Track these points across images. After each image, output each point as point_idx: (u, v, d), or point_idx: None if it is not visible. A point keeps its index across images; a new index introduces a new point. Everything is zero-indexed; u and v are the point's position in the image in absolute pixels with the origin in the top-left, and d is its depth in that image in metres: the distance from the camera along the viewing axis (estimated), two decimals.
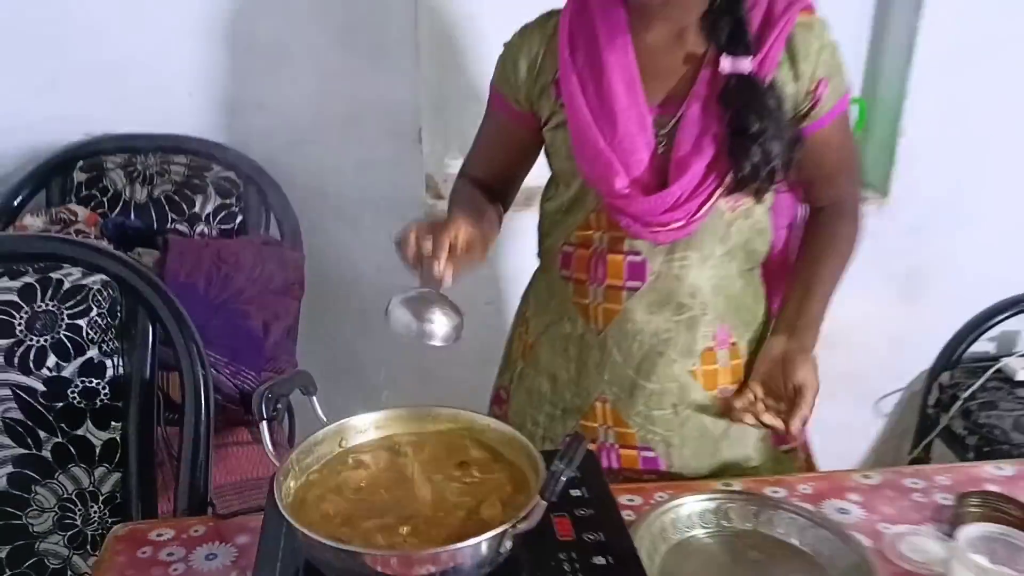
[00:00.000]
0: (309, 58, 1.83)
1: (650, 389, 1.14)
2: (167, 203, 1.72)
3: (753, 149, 1.02)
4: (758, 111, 1.02)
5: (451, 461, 0.93)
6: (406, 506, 0.86)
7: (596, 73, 1.07)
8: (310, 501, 0.87)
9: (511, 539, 0.79)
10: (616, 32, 1.06)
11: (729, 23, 1.04)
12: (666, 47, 1.07)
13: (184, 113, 1.84)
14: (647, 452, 1.16)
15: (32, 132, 1.80)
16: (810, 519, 1.00)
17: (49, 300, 1.15)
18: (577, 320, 1.15)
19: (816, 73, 1.06)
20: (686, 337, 1.13)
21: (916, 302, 2.14)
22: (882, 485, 1.12)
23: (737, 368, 1.16)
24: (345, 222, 1.93)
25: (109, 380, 1.17)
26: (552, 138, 1.13)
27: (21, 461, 1.16)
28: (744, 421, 1.10)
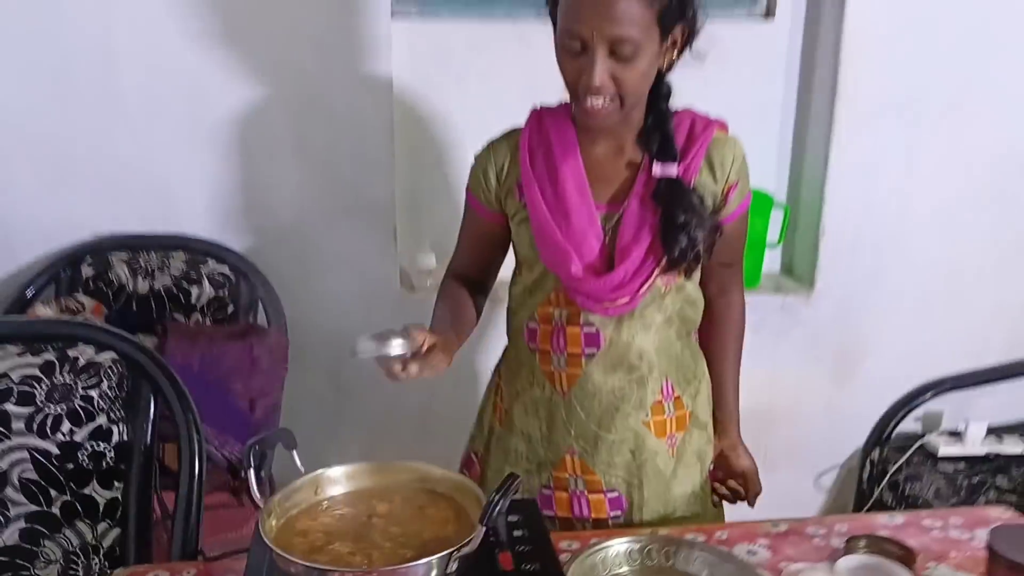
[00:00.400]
0: (296, 165, 2.06)
1: (611, 439, 1.31)
2: (166, 295, 1.92)
3: (681, 236, 1.21)
4: (684, 206, 1.22)
5: (410, 505, 1.10)
6: (370, 540, 1.03)
7: (552, 179, 1.26)
8: (288, 535, 1.03)
9: (456, 561, 0.96)
10: (568, 146, 1.27)
11: (659, 138, 1.25)
12: (609, 157, 1.28)
13: (183, 214, 2.05)
14: (612, 493, 1.32)
15: (45, 232, 2.00)
16: (720, 557, 1.16)
17: (66, 373, 1.33)
18: (545, 384, 1.32)
19: (729, 178, 1.28)
20: (638, 393, 1.30)
21: (846, 384, 2.35)
22: (788, 532, 1.27)
23: (682, 418, 1.34)
24: (326, 310, 2.12)
25: (115, 444, 1.33)
26: (517, 231, 1.32)
27: (32, 517, 1.30)
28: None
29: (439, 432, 1.66)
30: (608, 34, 1.11)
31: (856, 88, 2.13)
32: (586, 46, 1.13)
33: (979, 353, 2.35)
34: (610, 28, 1.10)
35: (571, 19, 1.13)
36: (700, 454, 1.38)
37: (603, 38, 1.11)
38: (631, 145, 1.28)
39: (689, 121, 1.28)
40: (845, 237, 2.24)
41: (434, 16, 2.11)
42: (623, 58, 1.12)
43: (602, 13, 1.10)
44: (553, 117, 1.30)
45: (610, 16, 1.10)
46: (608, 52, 1.12)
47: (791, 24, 2.22)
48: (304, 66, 2.00)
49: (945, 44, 2.14)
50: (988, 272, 2.32)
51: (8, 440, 1.29)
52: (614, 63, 1.13)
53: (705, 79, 1.55)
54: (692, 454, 1.36)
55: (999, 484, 2.18)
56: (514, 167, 1.30)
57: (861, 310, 2.30)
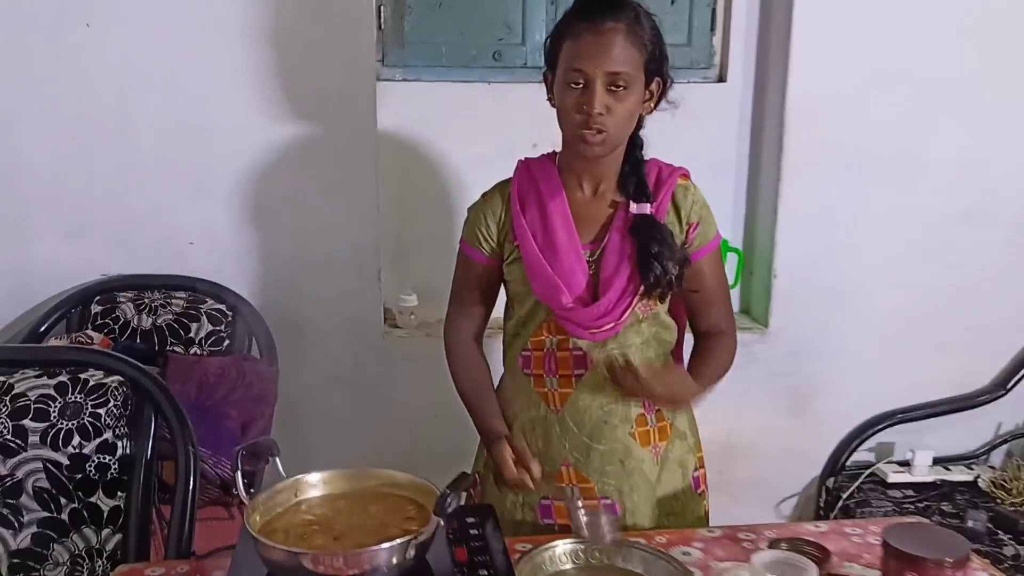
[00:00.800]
0: (289, 213, 2.26)
1: (601, 450, 1.46)
2: (167, 330, 2.10)
3: (655, 264, 1.38)
4: (657, 239, 1.40)
5: (377, 504, 1.25)
6: (341, 532, 1.18)
7: (543, 221, 1.44)
8: (270, 529, 1.18)
9: (414, 548, 1.11)
10: (554, 191, 1.45)
11: (634, 181, 1.44)
12: (591, 200, 1.46)
13: (185, 258, 2.24)
14: (605, 500, 1.47)
15: (60, 274, 2.18)
16: (656, 555, 1.30)
17: (77, 394, 1.49)
18: (540, 405, 1.48)
19: (690, 218, 1.45)
20: (623, 408, 1.46)
21: (802, 418, 2.50)
22: (721, 537, 1.40)
23: (664, 429, 1.50)
24: (315, 344, 2.30)
25: (119, 457, 1.49)
26: (510, 270, 1.49)
27: (43, 523, 1.46)
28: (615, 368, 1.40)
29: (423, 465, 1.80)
30: (607, 69, 1.32)
31: (801, 145, 2.34)
32: (588, 82, 1.33)
33: (927, 392, 2.52)
34: (609, 65, 1.31)
35: (576, 60, 1.33)
36: (682, 462, 1.53)
37: (603, 73, 1.32)
38: (610, 189, 1.46)
39: (656, 168, 1.48)
40: (796, 281, 2.42)
41: (416, 79, 2.33)
42: (617, 92, 1.33)
43: (603, 54, 1.32)
44: (539, 166, 1.49)
45: (610, 56, 1.32)
46: (606, 87, 1.32)
47: (742, 87, 2.44)
48: (297, 126, 2.21)
49: (883, 107, 2.36)
50: (929, 314, 2.50)
51: (25, 452, 1.46)
52: (610, 98, 1.33)
53: (668, 135, 1.75)
54: (674, 461, 1.51)
55: (943, 508, 2.33)
56: (507, 213, 1.48)
57: (813, 349, 2.46)
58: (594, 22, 1.33)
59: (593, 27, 1.33)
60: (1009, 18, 2.35)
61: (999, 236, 2.49)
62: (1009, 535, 2.19)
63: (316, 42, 2.17)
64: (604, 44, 1.32)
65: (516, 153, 1.53)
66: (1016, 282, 2.52)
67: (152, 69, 2.14)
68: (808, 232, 2.40)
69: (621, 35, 1.32)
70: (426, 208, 2.39)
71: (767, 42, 2.40)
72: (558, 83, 1.38)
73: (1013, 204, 2.48)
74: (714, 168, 2.46)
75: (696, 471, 1.56)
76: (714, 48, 2.45)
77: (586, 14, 1.35)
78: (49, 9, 2.09)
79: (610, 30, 1.32)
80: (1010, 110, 2.41)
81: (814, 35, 2.29)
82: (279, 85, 2.18)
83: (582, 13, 1.36)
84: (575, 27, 1.35)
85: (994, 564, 2.02)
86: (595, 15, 1.34)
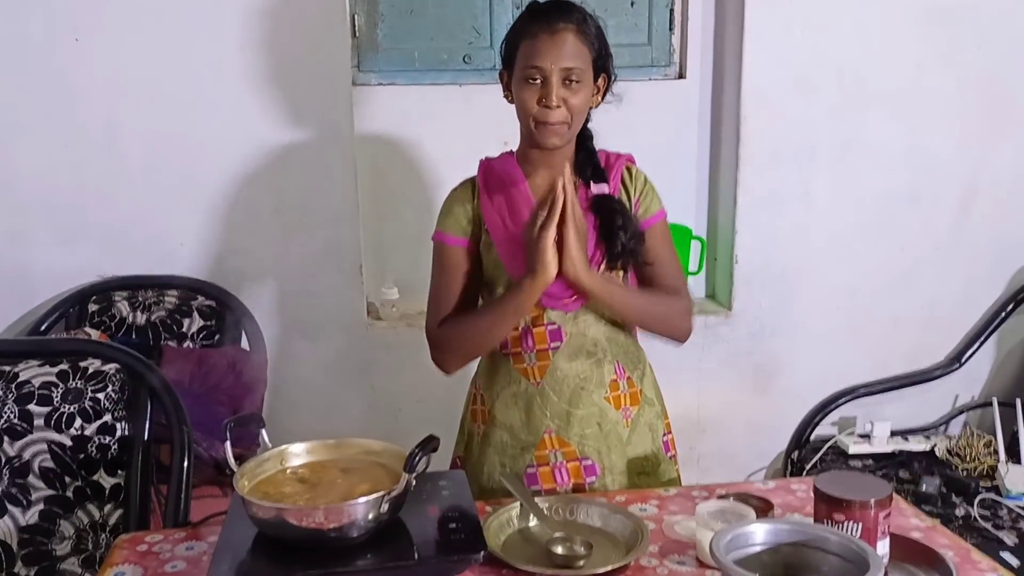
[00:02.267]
0: (274, 214, 2.38)
1: (580, 415, 1.57)
2: (161, 326, 2.22)
3: (620, 233, 1.51)
4: (618, 211, 1.52)
5: (356, 469, 1.36)
6: (322, 492, 1.30)
7: (509, 208, 1.55)
8: (257, 492, 1.29)
9: (388, 503, 1.22)
10: (516, 181, 1.56)
11: (589, 165, 1.57)
12: (550, 185, 1.54)
13: (177, 258, 2.36)
14: (586, 461, 1.58)
15: (57, 276, 2.30)
16: (611, 510, 1.41)
17: (78, 380, 1.62)
18: (520, 380, 1.59)
19: (636, 194, 1.58)
20: (597, 374, 1.57)
21: (766, 395, 2.63)
22: (677, 495, 1.51)
23: (635, 394, 1.61)
24: (302, 337, 2.43)
25: (118, 438, 1.61)
26: (485, 253, 1.59)
27: (50, 500, 1.58)
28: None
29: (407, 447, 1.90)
30: (562, 64, 1.45)
31: (756, 136, 2.47)
32: (545, 78, 1.46)
33: (884, 364, 2.66)
34: (564, 61, 1.45)
35: (534, 57, 1.46)
36: (651, 426, 1.64)
37: (559, 69, 1.45)
38: (567, 173, 1.57)
39: (604, 156, 1.61)
40: (756, 265, 2.55)
41: (391, 83, 2.46)
42: (572, 86, 1.46)
43: (558, 51, 1.45)
44: (499, 162, 1.61)
45: (564, 53, 1.45)
46: (562, 81, 1.46)
47: (700, 83, 2.58)
48: (278, 131, 2.34)
49: (830, 98, 2.50)
50: (884, 293, 2.63)
51: (31, 434, 1.58)
52: (566, 91, 1.46)
53: (632, 130, 1.88)
54: (644, 425, 1.63)
55: (901, 476, 2.46)
56: (477, 203, 1.59)
57: (775, 329, 2.60)
58: (548, 23, 1.47)
59: (547, 27, 1.46)
60: (945, 7, 2.49)
61: (946, 216, 2.63)
62: (961, 498, 2.31)
63: (294, 51, 2.30)
64: (558, 42, 1.45)
65: (487, 150, 1.64)
66: (966, 259, 2.66)
67: (138, 81, 2.27)
68: (766, 218, 2.53)
69: (572, 33, 1.46)
70: (404, 206, 2.52)
71: (722, 40, 2.54)
72: (516, 80, 1.50)
73: (958, 186, 2.62)
74: (677, 160, 2.60)
75: (665, 436, 1.68)
76: (673, 47, 2.59)
77: (539, 16, 1.49)
78: (39, 26, 2.21)
79: (563, 29, 1.46)
80: (950, 96, 2.55)
81: (765, 32, 2.43)
82: (260, 92, 2.31)
83: (535, 15, 1.49)
84: (530, 28, 1.48)
85: (945, 524, 2.16)
86: (548, 16, 1.48)
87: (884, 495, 1.21)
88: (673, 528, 1.40)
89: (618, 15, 2.52)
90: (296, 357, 2.41)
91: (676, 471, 1.71)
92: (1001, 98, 2.58)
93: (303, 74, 2.31)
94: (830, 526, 1.19)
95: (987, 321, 2.69)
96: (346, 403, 2.47)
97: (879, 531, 1.19)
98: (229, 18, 2.26)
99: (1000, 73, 2.56)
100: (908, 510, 1.47)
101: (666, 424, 1.70)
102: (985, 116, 2.58)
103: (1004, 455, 2.44)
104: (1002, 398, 2.62)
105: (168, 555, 1.32)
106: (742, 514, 1.31)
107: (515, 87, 1.51)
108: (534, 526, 1.39)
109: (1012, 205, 2.66)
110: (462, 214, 1.59)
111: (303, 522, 1.18)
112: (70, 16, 2.21)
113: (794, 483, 1.57)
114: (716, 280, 2.67)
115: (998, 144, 2.61)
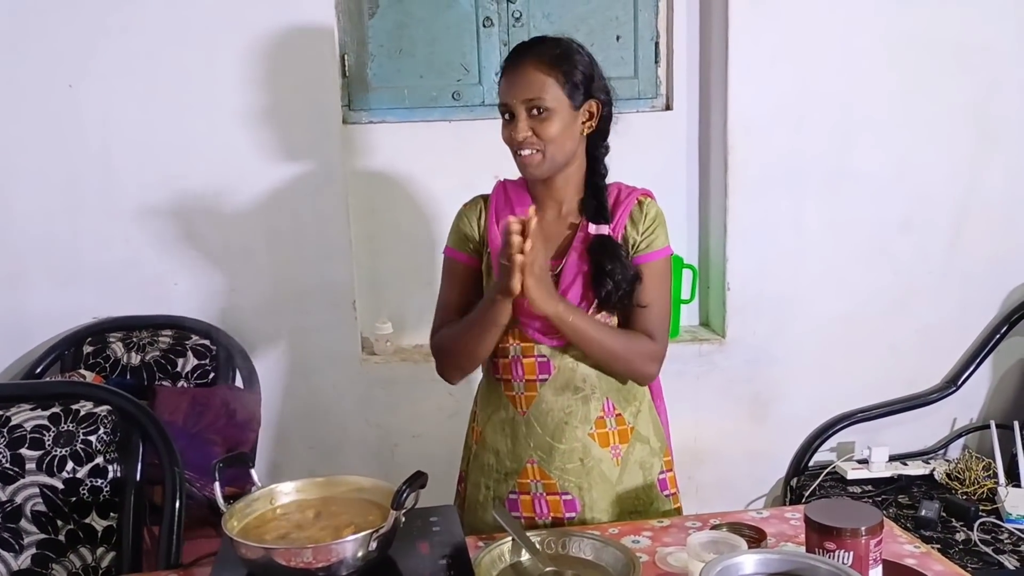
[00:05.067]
0: (268, 254, 2.40)
1: (563, 449, 1.57)
2: (155, 365, 2.23)
3: (607, 280, 1.51)
4: (610, 257, 1.52)
5: (346, 507, 1.37)
6: (311, 531, 1.30)
7: None
8: (247, 532, 1.30)
9: (376, 541, 1.22)
10: (524, 205, 1.57)
11: (594, 204, 1.57)
12: (555, 220, 1.59)
13: (171, 298, 2.38)
14: (566, 496, 1.58)
15: (53, 318, 2.32)
16: (605, 543, 1.41)
17: (70, 423, 1.62)
18: (509, 407, 1.60)
19: (645, 227, 1.57)
20: (583, 410, 1.57)
21: (763, 422, 2.63)
22: (670, 526, 1.51)
23: (624, 432, 1.60)
24: (297, 374, 2.43)
25: (110, 480, 1.61)
26: (485, 270, 1.61)
27: (42, 544, 1.58)
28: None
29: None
30: (523, 98, 1.48)
31: (744, 165, 2.49)
32: (513, 113, 1.49)
33: (881, 390, 2.65)
34: (523, 93, 1.47)
35: (501, 96, 1.51)
36: (643, 464, 1.63)
37: (520, 101, 1.48)
38: (573, 210, 1.59)
39: (617, 190, 1.61)
40: (749, 292, 2.56)
41: (381, 121, 2.49)
42: (539, 117, 1.48)
43: (518, 84, 1.48)
44: (514, 187, 1.63)
45: (523, 85, 1.48)
46: (527, 113, 1.48)
47: (687, 114, 2.61)
48: (271, 170, 2.37)
49: (816, 126, 2.52)
50: (878, 318, 2.64)
51: (23, 478, 1.58)
52: (533, 121, 1.48)
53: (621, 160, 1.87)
54: (635, 463, 1.62)
55: (900, 500, 2.44)
56: (486, 221, 1.62)
57: (769, 356, 2.60)
58: (514, 60, 1.51)
59: (512, 64, 1.51)
60: (926, 35, 2.52)
61: (939, 240, 2.64)
62: (961, 522, 2.30)
63: (285, 91, 2.33)
64: (518, 75, 1.48)
65: (477, 186, 1.66)
66: (959, 283, 2.67)
67: (132, 124, 2.30)
68: (757, 245, 2.54)
69: (533, 66, 1.48)
70: (397, 241, 2.54)
71: (708, 71, 2.57)
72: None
73: (949, 210, 2.63)
74: (666, 190, 2.57)
75: (663, 473, 1.66)
76: (659, 79, 2.62)
77: (511, 55, 1.54)
78: (33, 73, 2.25)
79: (524, 63, 1.49)
80: (939, 121, 2.57)
81: (750, 63, 2.46)
82: (252, 133, 2.34)
83: (508, 58, 1.54)
84: (503, 68, 1.53)
85: (945, 549, 2.15)
86: (517, 53, 1.52)
87: (875, 522, 1.21)
88: (666, 560, 1.40)
89: (605, 49, 2.56)
90: (290, 394, 2.42)
91: (678, 509, 1.69)
92: (989, 122, 2.60)
93: (295, 114, 2.34)
94: (822, 555, 1.18)
95: (982, 343, 2.69)
96: (342, 439, 2.47)
97: (870, 559, 1.19)
98: (220, 60, 2.30)
99: (987, 98, 2.59)
100: (902, 536, 1.46)
101: (666, 462, 1.68)
102: (974, 141, 2.61)
103: (1003, 478, 2.42)
104: (999, 420, 2.61)
105: None
106: (733, 544, 1.31)
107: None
108: (526, 560, 1.38)
109: (1004, 227, 2.67)
110: (468, 231, 1.62)
111: (292, 562, 1.19)
112: (63, 61, 2.25)
113: (788, 511, 1.57)
114: (709, 307, 2.67)
115: (988, 167, 2.63)
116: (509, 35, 2.52)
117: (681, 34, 2.57)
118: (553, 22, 2.53)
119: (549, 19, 2.53)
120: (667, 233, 1.60)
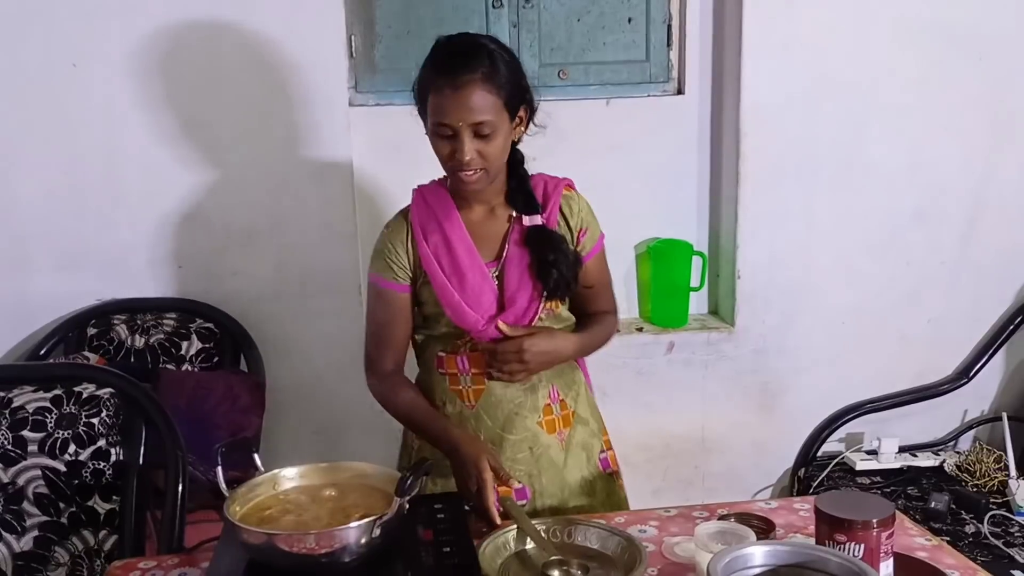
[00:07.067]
0: (272, 237, 2.38)
1: (513, 439, 1.57)
2: (159, 348, 2.21)
3: (552, 271, 1.50)
4: (551, 246, 1.51)
5: (348, 493, 1.35)
6: (314, 517, 1.28)
7: (445, 246, 1.52)
8: (249, 517, 1.28)
9: (379, 528, 1.20)
10: (450, 216, 1.53)
11: (522, 197, 1.55)
12: (485, 219, 1.56)
13: (175, 281, 2.36)
14: (516, 485, 1.56)
15: (57, 301, 2.30)
16: (609, 531, 1.40)
17: (72, 405, 1.61)
18: (456, 401, 1.58)
19: (580, 226, 1.57)
20: (531, 399, 1.57)
21: (771, 412, 2.60)
22: (676, 516, 1.50)
23: (567, 416, 1.61)
24: (300, 357, 2.41)
25: (112, 463, 1.60)
26: (422, 292, 1.56)
27: (44, 526, 1.57)
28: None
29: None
30: (471, 121, 1.41)
31: (756, 152, 2.46)
32: (455, 132, 1.42)
33: (891, 382, 2.63)
34: (471, 116, 1.40)
35: (441, 114, 1.42)
36: (585, 446, 1.63)
37: (467, 125, 1.41)
38: (500, 205, 1.56)
39: (543, 182, 1.58)
40: (759, 281, 2.53)
41: (388, 103, 2.46)
42: (484, 137, 1.42)
43: (464, 107, 1.40)
44: (432, 193, 1.58)
45: (470, 108, 1.40)
46: (472, 135, 1.42)
47: (699, 99, 2.57)
48: (276, 153, 2.34)
49: (830, 114, 2.49)
50: (890, 310, 2.61)
51: (25, 460, 1.57)
52: (478, 142, 1.43)
53: (632, 145, 1.86)
54: (578, 445, 1.62)
55: (909, 492, 2.43)
56: (413, 241, 1.56)
57: (779, 346, 2.57)
58: (451, 76, 1.39)
59: (451, 81, 1.40)
60: (943, 24, 2.48)
61: (952, 232, 2.61)
62: (971, 514, 2.27)
63: (291, 73, 2.30)
64: (463, 98, 1.39)
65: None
66: (972, 275, 2.64)
67: (135, 105, 2.27)
68: (768, 234, 2.51)
69: (478, 85, 1.39)
70: None
71: (721, 56, 2.53)
72: (429, 131, 1.47)
73: (963, 201, 2.60)
74: (676, 175, 2.58)
75: (603, 453, 1.67)
76: (671, 63, 2.58)
77: (442, 68, 1.42)
78: (36, 53, 2.22)
79: (467, 82, 1.39)
80: (953, 112, 2.53)
81: (764, 48, 2.42)
82: (257, 115, 2.31)
83: (438, 67, 1.43)
84: (436, 81, 1.42)
85: (955, 541, 2.13)
86: (453, 67, 1.40)
87: (886, 515, 1.19)
88: (673, 550, 1.39)
89: (616, 32, 2.52)
90: (295, 379, 2.40)
91: (619, 488, 1.70)
92: (1005, 113, 2.57)
93: (301, 95, 2.31)
94: (832, 547, 1.17)
95: (995, 335, 2.66)
96: (346, 426, 2.45)
97: (881, 552, 1.17)
98: (226, 41, 2.27)
99: (1003, 88, 2.55)
100: (913, 529, 1.44)
101: (604, 441, 1.70)
102: (989, 131, 2.57)
103: (1015, 471, 2.40)
104: (1012, 413, 2.58)
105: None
106: (742, 535, 1.30)
107: (429, 136, 1.48)
108: (531, 549, 1.37)
109: (1018, 219, 2.64)
110: (396, 257, 1.56)
111: (294, 548, 1.18)
112: (67, 42, 2.22)
113: (797, 502, 1.55)
114: (719, 296, 2.64)
115: (1003, 159, 2.59)
116: (519, 16, 2.48)
117: (694, 17, 2.53)
118: (563, 3, 2.49)
119: (559, 0, 2.50)
120: (596, 218, 1.62)
